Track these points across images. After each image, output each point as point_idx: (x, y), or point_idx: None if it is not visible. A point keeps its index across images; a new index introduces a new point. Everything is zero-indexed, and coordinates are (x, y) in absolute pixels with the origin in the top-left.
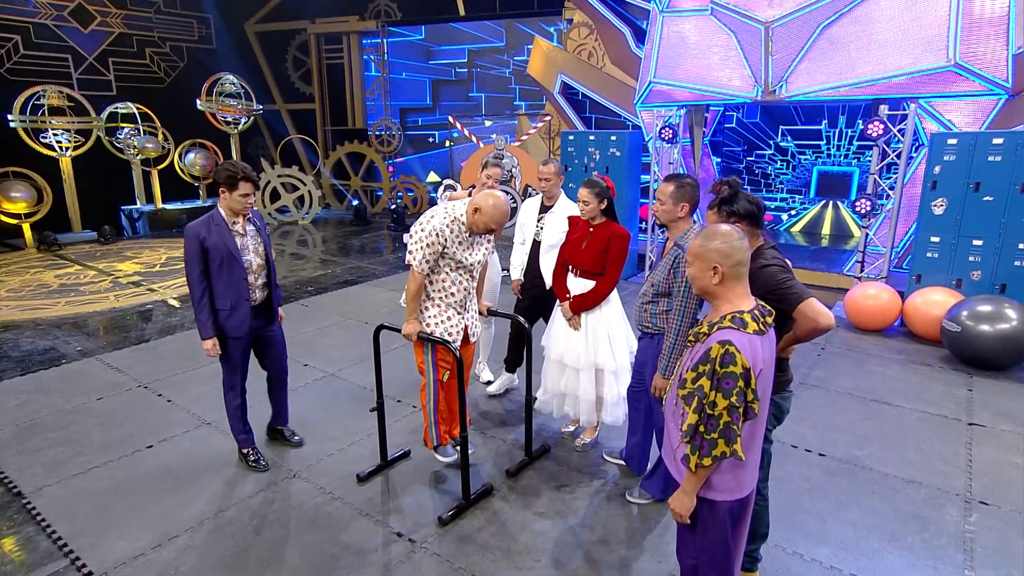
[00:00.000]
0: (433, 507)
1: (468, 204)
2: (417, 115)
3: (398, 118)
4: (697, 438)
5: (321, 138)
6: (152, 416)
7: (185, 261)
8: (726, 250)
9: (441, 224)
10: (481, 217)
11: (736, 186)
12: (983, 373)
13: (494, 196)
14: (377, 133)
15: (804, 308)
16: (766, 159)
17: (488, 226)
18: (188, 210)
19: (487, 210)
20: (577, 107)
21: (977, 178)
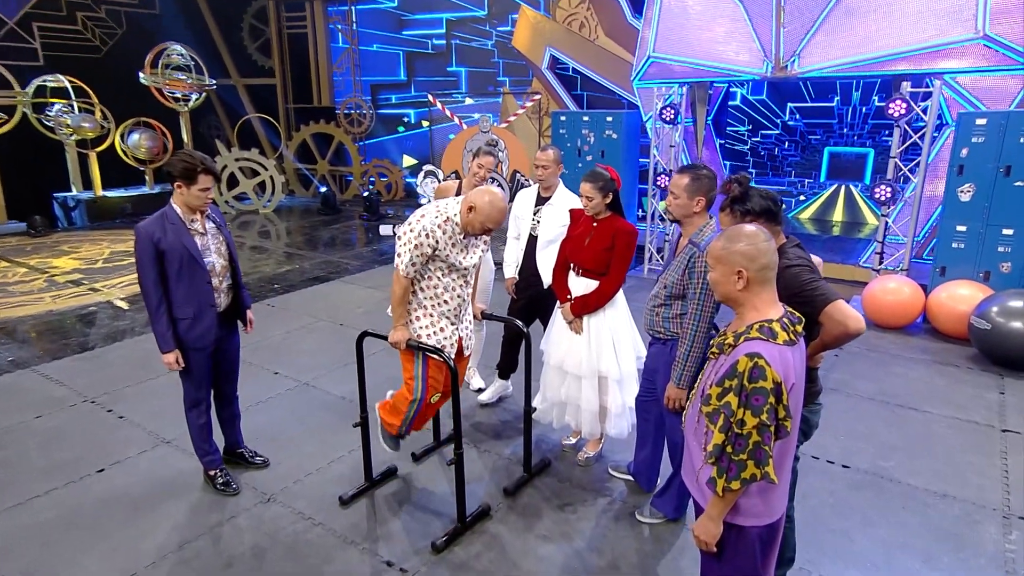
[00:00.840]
0: (425, 532)
1: (462, 202)
2: (390, 92)
3: (369, 95)
4: (724, 459)
5: (283, 117)
6: (102, 435)
7: (137, 266)
8: (751, 252)
9: (432, 224)
10: (477, 216)
11: (746, 183)
12: (1015, 374)
13: (490, 193)
14: (346, 112)
15: (832, 311)
16: (773, 139)
17: (485, 225)
18: (133, 198)
19: (483, 208)
20: (567, 84)
21: (1008, 161)
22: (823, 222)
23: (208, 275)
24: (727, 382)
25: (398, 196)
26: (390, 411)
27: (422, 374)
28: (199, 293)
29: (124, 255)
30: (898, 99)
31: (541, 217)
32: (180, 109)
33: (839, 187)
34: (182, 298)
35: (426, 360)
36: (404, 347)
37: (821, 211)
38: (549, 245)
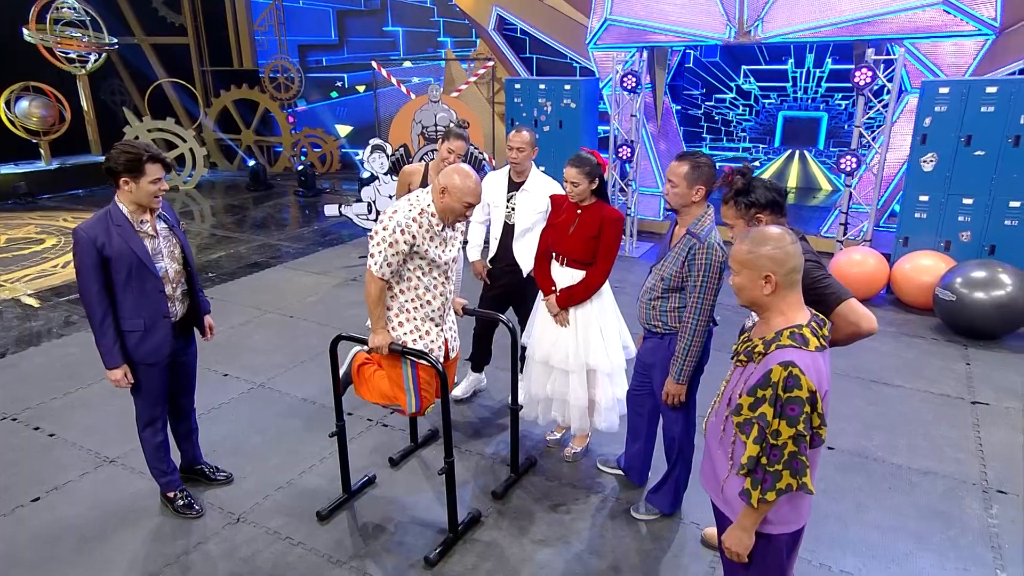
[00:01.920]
0: (415, 544)
1: (431, 190)
2: (320, 54)
3: (296, 57)
4: (759, 471)
5: (200, 82)
6: (31, 458)
7: (78, 275)
8: (780, 256)
9: (406, 218)
10: (451, 199)
11: (749, 174)
12: (977, 344)
13: (456, 169)
14: (272, 76)
15: (844, 310)
16: (727, 103)
17: (464, 202)
18: (27, 175)
19: (456, 186)
20: (515, 46)
21: (969, 131)
22: None
23: (161, 283)
24: (760, 391)
25: (334, 168)
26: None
27: (414, 387)
28: (150, 303)
29: (25, 243)
30: (864, 67)
31: (516, 204)
32: (77, 72)
33: (793, 152)
34: (131, 309)
35: (415, 368)
36: (387, 352)
37: (776, 177)
38: (526, 234)
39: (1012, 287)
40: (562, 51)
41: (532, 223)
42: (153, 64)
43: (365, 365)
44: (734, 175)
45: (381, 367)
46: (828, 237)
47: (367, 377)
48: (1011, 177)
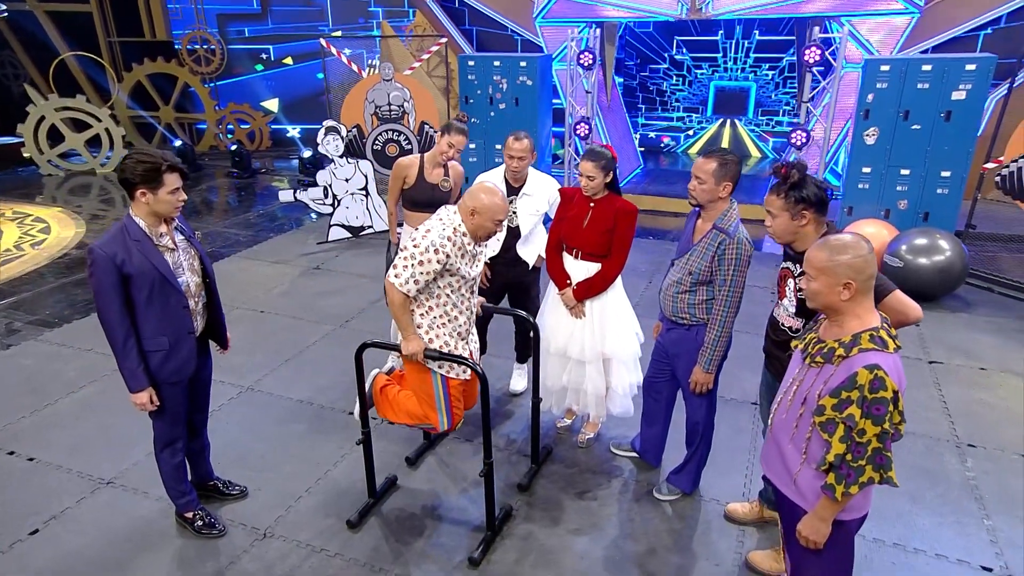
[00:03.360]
0: (453, 544)
1: (459, 211)
2: (242, 24)
3: (216, 28)
4: (843, 467)
5: (107, 54)
6: (16, 487)
7: (97, 296)
8: (859, 264)
9: (440, 237)
10: (481, 218)
11: (804, 170)
12: (924, 305)
13: (483, 189)
14: (190, 47)
15: (892, 302)
16: (661, 74)
17: (494, 220)
18: None
19: (486, 206)
20: (455, 17)
21: (907, 106)
22: None
23: (184, 298)
24: (844, 393)
25: (264, 146)
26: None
27: (445, 403)
28: (175, 320)
29: None
30: (813, 46)
31: (517, 208)
32: None
33: (725, 121)
34: (154, 327)
35: (446, 384)
36: (422, 358)
37: (708, 146)
38: (530, 234)
39: (950, 252)
40: (504, 23)
41: (534, 224)
42: (51, 34)
43: (388, 386)
44: (790, 169)
45: (406, 387)
46: None
47: (392, 398)
48: (943, 149)
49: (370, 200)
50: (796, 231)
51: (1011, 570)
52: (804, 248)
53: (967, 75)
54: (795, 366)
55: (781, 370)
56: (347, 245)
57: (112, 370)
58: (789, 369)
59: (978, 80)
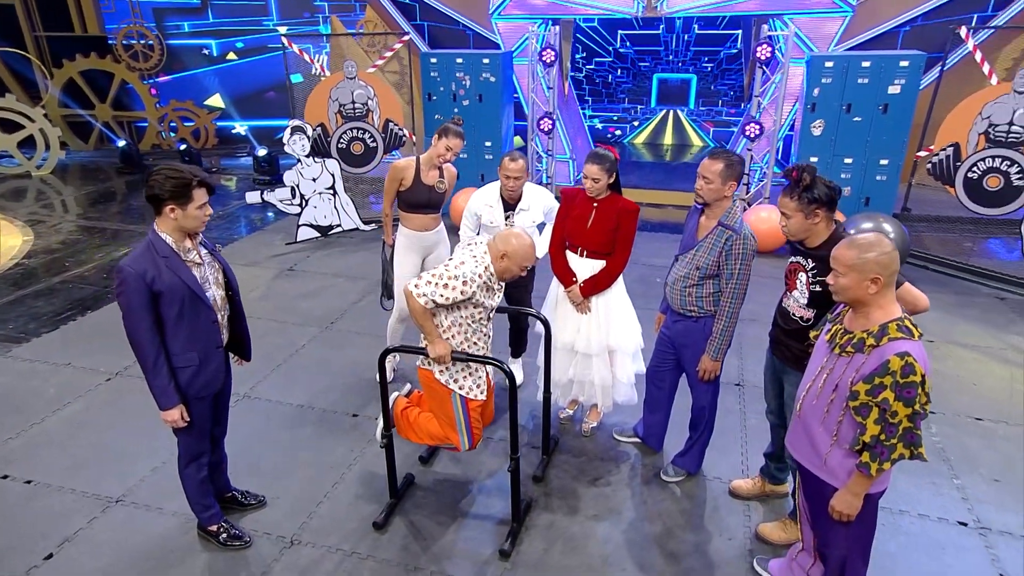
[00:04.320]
0: (480, 538)
1: (489, 251)
2: (180, 18)
3: (152, 22)
4: (879, 447)
5: (34, 49)
6: (20, 511)
7: (127, 315)
8: (885, 261)
9: (472, 273)
10: (511, 263)
11: (813, 172)
12: None
13: (515, 236)
14: (126, 42)
15: (903, 293)
16: (606, 67)
17: (522, 266)
18: None
19: (516, 252)
20: (406, 12)
21: (849, 99)
22: (655, 146)
23: (213, 312)
24: (877, 379)
25: (210, 144)
26: (410, 430)
27: (466, 424)
28: (204, 334)
29: None
30: (764, 43)
31: (514, 223)
32: None
33: (668, 112)
34: (184, 343)
35: (465, 405)
36: (450, 361)
37: (653, 136)
38: None
39: (893, 235)
40: (456, 18)
41: (532, 234)
42: None
43: (408, 408)
44: (801, 172)
45: (426, 409)
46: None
47: (412, 420)
48: (881, 139)
49: (338, 199)
50: (809, 228)
51: (983, 523)
52: (816, 243)
53: (901, 70)
54: (821, 356)
55: (788, 356)
56: (317, 245)
57: (96, 385)
58: (814, 359)
59: (911, 75)
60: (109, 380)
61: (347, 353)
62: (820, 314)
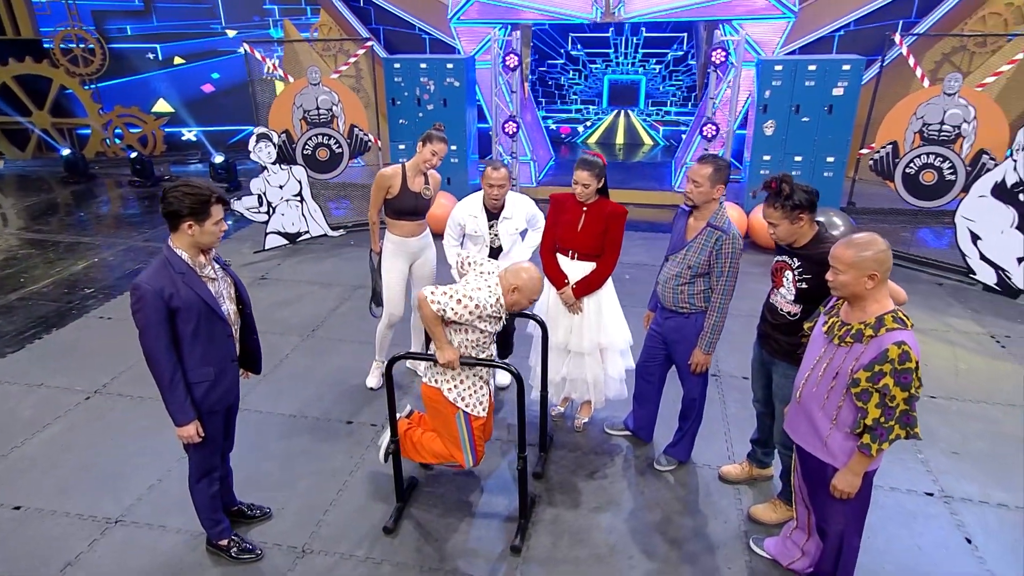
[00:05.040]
0: (490, 536)
1: (502, 283)
2: (123, 21)
3: (92, 25)
4: (879, 429)
5: None
6: (14, 538)
7: (144, 332)
8: (881, 258)
9: (485, 302)
10: (521, 296)
11: (791, 181)
12: None
13: (525, 270)
14: (64, 46)
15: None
16: (559, 69)
17: (531, 299)
18: None
19: (527, 286)
20: (361, 16)
21: (798, 101)
22: (608, 145)
23: (229, 327)
24: (877, 367)
25: (158, 151)
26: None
27: (470, 441)
28: (220, 349)
29: None
30: (719, 47)
31: (499, 231)
32: None
33: (619, 112)
34: (199, 358)
35: (469, 422)
36: (458, 365)
37: (605, 136)
38: (513, 250)
39: (843, 227)
40: (412, 22)
41: (514, 242)
42: None
43: (410, 430)
44: (780, 183)
45: (428, 429)
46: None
47: (416, 441)
48: (827, 138)
49: (305, 206)
50: (796, 232)
51: (946, 492)
52: (802, 244)
53: (844, 73)
54: (819, 346)
55: (777, 349)
56: (286, 252)
57: (75, 404)
58: (811, 349)
59: (852, 78)
60: (88, 399)
61: (332, 361)
62: (806, 309)
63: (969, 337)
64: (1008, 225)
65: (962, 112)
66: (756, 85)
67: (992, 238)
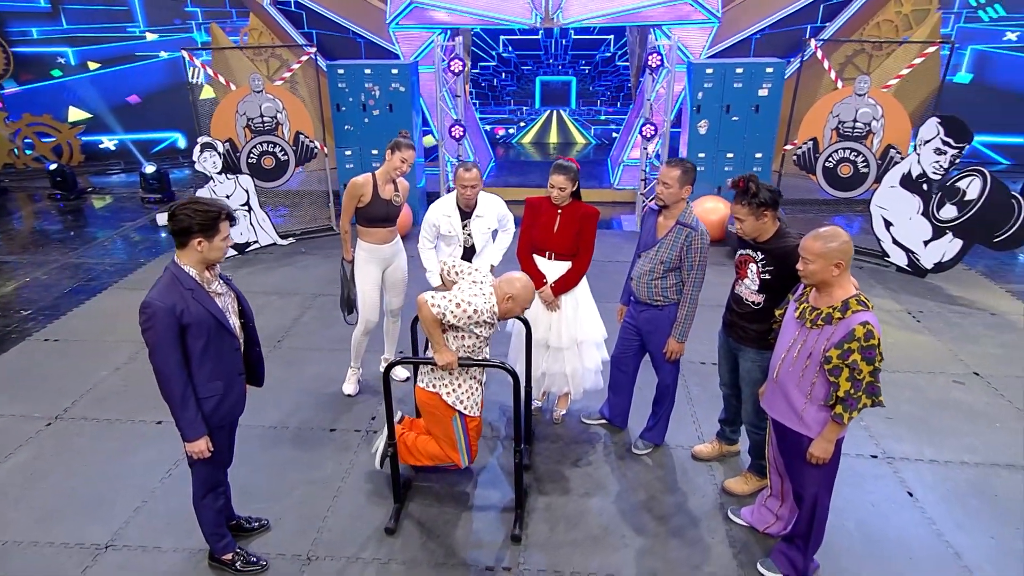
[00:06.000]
0: (490, 527)
1: (496, 293)
2: (27, 23)
3: None
4: (849, 400)
5: None
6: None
7: (155, 350)
8: (845, 248)
9: (480, 309)
10: (514, 304)
11: (756, 180)
12: None
13: (519, 280)
14: None
15: None
16: (491, 71)
17: (523, 307)
18: None
19: (520, 295)
20: (292, 20)
21: (728, 101)
22: (542, 145)
23: (237, 341)
24: (846, 345)
25: (75, 161)
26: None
27: (465, 441)
28: (228, 363)
29: None
30: (654, 52)
31: (471, 230)
32: None
33: (551, 112)
34: (209, 373)
35: (464, 423)
36: (456, 367)
37: (539, 135)
38: (483, 248)
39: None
40: (346, 25)
41: (486, 240)
42: None
43: (404, 435)
44: (747, 182)
45: (421, 432)
46: (621, 189)
47: (410, 445)
48: (755, 136)
49: (253, 215)
50: (760, 227)
51: (888, 453)
52: (766, 239)
53: (768, 75)
54: (791, 331)
55: (743, 336)
56: (236, 263)
57: (37, 432)
58: (783, 334)
59: (775, 79)
60: (50, 425)
61: (305, 370)
62: (770, 298)
63: (890, 314)
64: (915, 212)
65: (871, 111)
66: (688, 87)
67: (902, 224)
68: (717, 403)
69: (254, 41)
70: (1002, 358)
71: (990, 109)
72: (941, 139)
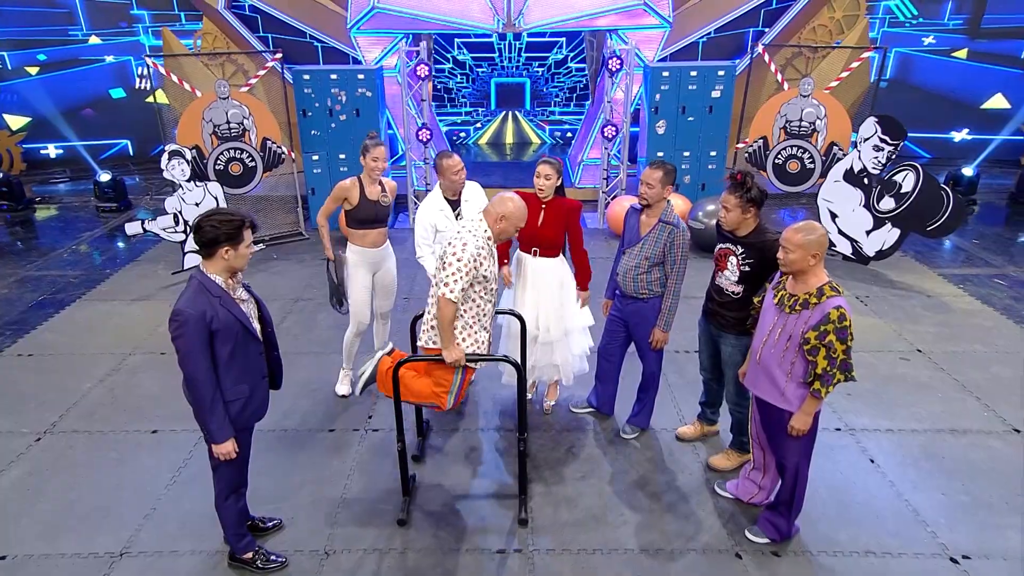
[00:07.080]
0: (496, 513)
1: (486, 217)
2: None
3: None
4: (826, 376)
5: None
6: None
7: (187, 356)
8: (822, 240)
9: (478, 249)
10: (508, 223)
11: (753, 178)
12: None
13: (510, 199)
14: None
15: None
16: (446, 73)
17: (517, 226)
18: None
19: (513, 214)
20: (248, 24)
21: (684, 103)
22: (498, 145)
23: (261, 345)
24: (822, 327)
25: (16, 169)
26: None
27: (458, 389)
28: (254, 367)
29: None
30: (613, 56)
31: (462, 216)
32: None
33: (507, 113)
34: (236, 377)
35: (465, 375)
36: (464, 363)
37: (495, 136)
38: None
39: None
40: (302, 29)
41: None
42: None
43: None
44: (745, 177)
45: (422, 373)
46: (582, 188)
47: (406, 382)
48: (710, 135)
49: None
50: (742, 221)
51: (850, 426)
52: (745, 232)
53: (720, 78)
54: (771, 316)
55: (724, 323)
56: None
57: (27, 447)
58: (763, 320)
59: (727, 81)
60: (39, 440)
61: (294, 374)
62: (748, 288)
63: None
64: (857, 204)
65: (815, 111)
66: (645, 89)
67: (846, 216)
68: (695, 388)
69: (208, 45)
70: (939, 336)
71: (912, 108)
72: (879, 137)
